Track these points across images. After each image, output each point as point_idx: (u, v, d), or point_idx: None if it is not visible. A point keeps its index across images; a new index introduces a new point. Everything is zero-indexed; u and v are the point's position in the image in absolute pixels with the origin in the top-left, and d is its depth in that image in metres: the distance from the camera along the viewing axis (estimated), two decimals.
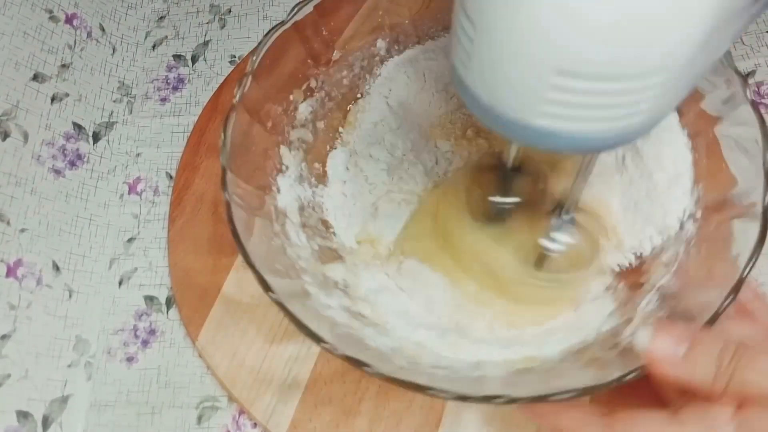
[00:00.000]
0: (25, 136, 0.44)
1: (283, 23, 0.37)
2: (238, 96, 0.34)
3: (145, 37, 0.55)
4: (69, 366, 0.42)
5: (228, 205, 0.32)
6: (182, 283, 0.43)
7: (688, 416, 0.25)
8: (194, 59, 0.53)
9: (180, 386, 0.41)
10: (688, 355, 0.25)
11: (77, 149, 0.47)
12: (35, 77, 0.46)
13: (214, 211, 0.45)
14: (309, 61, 0.41)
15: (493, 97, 0.22)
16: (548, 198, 0.35)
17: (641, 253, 0.37)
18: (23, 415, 0.38)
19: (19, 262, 0.41)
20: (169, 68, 0.53)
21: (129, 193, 0.48)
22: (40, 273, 0.42)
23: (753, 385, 0.24)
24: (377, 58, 0.45)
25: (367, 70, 0.45)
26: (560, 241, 0.34)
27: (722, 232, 0.32)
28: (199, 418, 0.40)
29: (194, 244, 0.44)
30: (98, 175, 0.48)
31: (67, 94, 0.48)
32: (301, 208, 0.39)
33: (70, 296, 0.43)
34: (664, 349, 0.26)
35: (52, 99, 0.46)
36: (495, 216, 0.36)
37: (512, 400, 0.27)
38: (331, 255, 0.39)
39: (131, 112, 0.51)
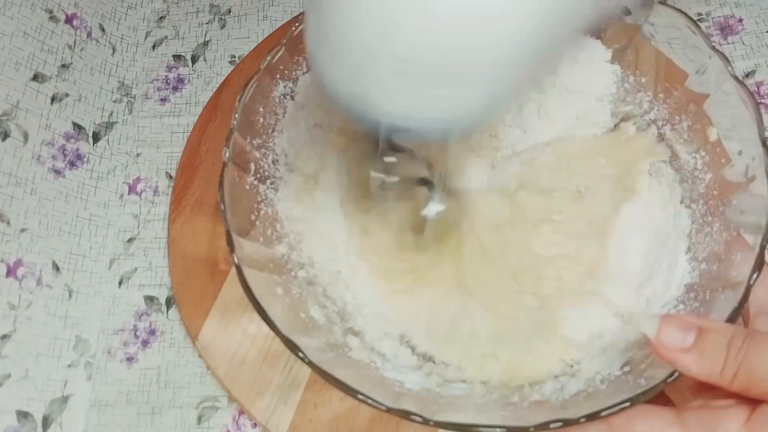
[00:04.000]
0: (25, 136, 0.44)
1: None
2: (227, 155, 0.34)
3: (145, 37, 0.55)
4: (69, 366, 0.42)
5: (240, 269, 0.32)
6: (182, 283, 0.43)
7: (692, 421, 0.25)
8: (194, 59, 0.53)
9: (180, 386, 0.41)
10: (697, 345, 0.25)
11: (77, 149, 0.47)
12: (35, 77, 0.46)
13: (214, 211, 0.45)
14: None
15: (341, 84, 0.24)
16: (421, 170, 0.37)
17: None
18: (23, 415, 0.38)
19: (19, 262, 0.41)
20: (169, 68, 0.53)
21: (129, 193, 0.48)
22: (40, 273, 0.42)
23: (762, 374, 0.23)
24: None
25: None
26: (431, 211, 0.36)
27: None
28: (199, 418, 0.40)
29: (194, 244, 0.44)
30: (98, 175, 0.48)
31: (67, 94, 0.48)
32: None
33: (70, 296, 0.43)
34: (671, 339, 0.25)
35: (52, 99, 0.47)
36: (378, 193, 0.37)
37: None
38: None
39: (131, 112, 0.51)
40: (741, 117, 0.32)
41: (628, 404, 0.26)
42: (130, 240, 0.47)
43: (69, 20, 0.50)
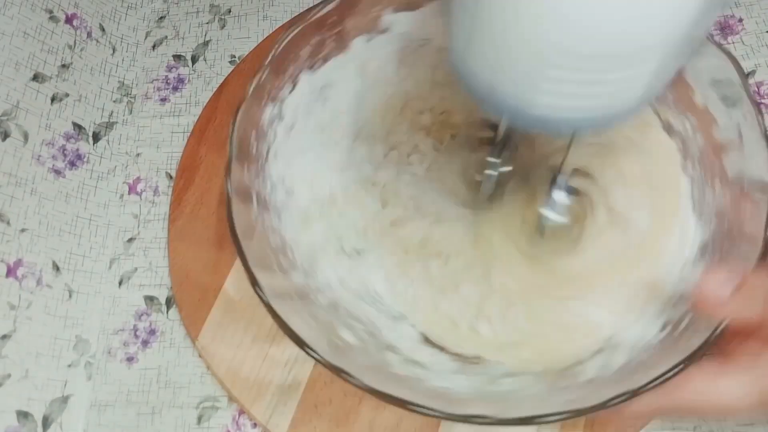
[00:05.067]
0: (25, 136, 0.44)
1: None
2: (252, 87, 0.34)
3: (145, 37, 0.55)
4: (69, 366, 0.42)
5: (229, 200, 0.31)
6: (182, 283, 0.43)
7: (738, 366, 0.25)
8: (194, 59, 0.53)
9: (180, 386, 0.41)
10: (736, 294, 0.25)
11: (77, 149, 0.47)
12: (35, 77, 0.46)
13: (214, 211, 0.45)
14: None
15: (493, 77, 0.23)
16: (542, 165, 0.36)
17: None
18: (23, 415, 0.38)
19: (19, 262, 0.41)
20: (169, 68, 0.53)
21: (129, 193, 0.48)
22: (40, 273, 0.42)
23: None
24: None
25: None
26: (557, 207, 0.34)
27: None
28: (199, 418, 0.40)
29: (194, 244, 0.44)
30: (98, 175, 0.48)
31: (67, 94, 0.48)
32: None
33: (70, 296, 0.43)
34: (711, 289, 0.26)
35: (52, 99, 0.46)
36: (491, 192, 0.36)
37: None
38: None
39: (131, 112, 0.51)
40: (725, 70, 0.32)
41: (681, 366, 0.26)
42: (130, 240, 0.47)
43: (69, 20, 0.50)
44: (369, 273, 0.38)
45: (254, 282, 0.31)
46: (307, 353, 0.29)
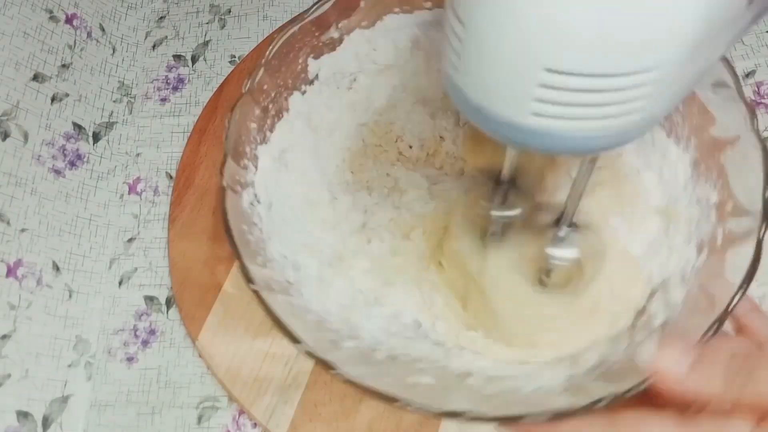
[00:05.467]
0: (25, 136, 0.44)
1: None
2: (247, 86, 0.34)
3: (145, 37, 0.55)
4: (69, 366, 0.42)
5: (223, 191, 0.32)
6: (182, 283, 0.43)
7: (703, 426, 0.24)
8: (194, 59, 0.53)
9: (180, 386, 0.41)
10: (695, 369, 0.24)
11: (77, 149, 0.47)
12: (35, 77, 0.46)
13: (214, 211, 0.45)
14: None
15: (484, 96, 0.22)
16: (546, 211, 0.35)
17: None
18: (23, 415, 0.38)
19: (19, 262, 0.41)
20: (169, 68, 0.53)
21: (129, 193, 0.48)
22: (40, 273, 0.42)
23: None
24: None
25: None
26: (561, 254, 0.33)
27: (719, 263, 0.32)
28: (199, 418, 0.40)
29: (194, 244, 0.44)
30: (98, 175, 0.48)
31: (67, 94, 0.48)
32: None
33: (70, 296, 0.43)
34: (668, 363, 0.25)
35: (52, 99, 0.46)
36: (493, 233, 0.36)
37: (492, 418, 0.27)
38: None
39: (131, 112, 0.51)
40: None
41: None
42: (130, 240, 0.47)
43: (69, 20, 0.50)
44: (402, 309, 0.38)
45: (244, 271, 0.32)
46: (296, 347, 0.29)
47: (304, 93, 0.41)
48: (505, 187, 0.32)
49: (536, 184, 0.36)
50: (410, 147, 0.42)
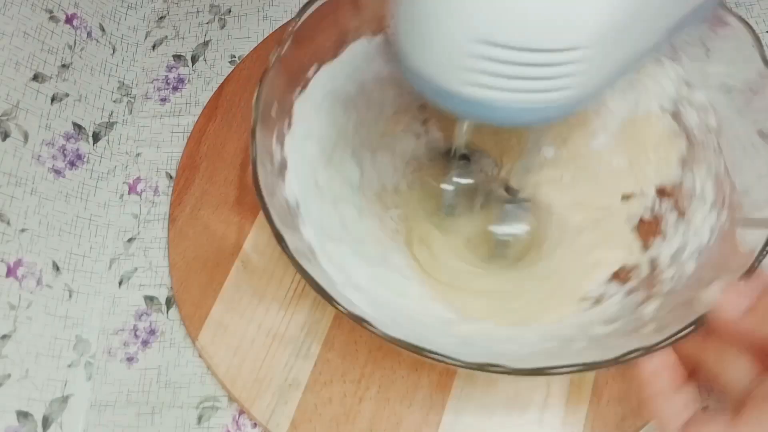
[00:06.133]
0: (25, 136, 0.44)
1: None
2: (274, 57, 0.34)
3: (145, 37, 0.55)
4: (69, 366, 0.42)
5: (254, 163, 0.31)
6: (182, 283, 0.43)
7: (749, 421, 0.24)
8: (194, 59, 0.53)
9: (180, 386, 0.41)
10: (752, 310, 0.25)
11: (77, 149, 0.47)
12: (35, 77, 0.46)
13: (214, 211, 0.45)
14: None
15: (421, 61, 0.23)
16: (497, 185, 0.36)
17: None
18: (23, 415, 0.38)
19: (19, 262, 0.41)
20: (169, 68, 0.53)
21: (129, 193, 0.48)
22: (40, 273, 0.42)
23: None
24: None
25: None
26: (510, 229, 0.35)
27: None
28: (199, 418, 0.40)
29: (194, 244, 0.44)
30: (98, 175, 0.48)
31: (67, 94, 0.48)
32: None
33: (70, 296, 0.43)
34: (730, 304, 0.26)
35: (52, 99, 0.46)
36: (448, 208, 0.36)
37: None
38: None
39: (131, 112, 0.51)
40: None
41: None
42: (130, 240, 0.47)
43: (69, 20, 0.50)
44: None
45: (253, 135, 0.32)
46: (333, 305, 0.29)
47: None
48: (458, 161, 0.34)
49: (491, 159, 0.37)
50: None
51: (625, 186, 0.39)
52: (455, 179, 0.35)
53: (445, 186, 0.35)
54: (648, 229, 0.39)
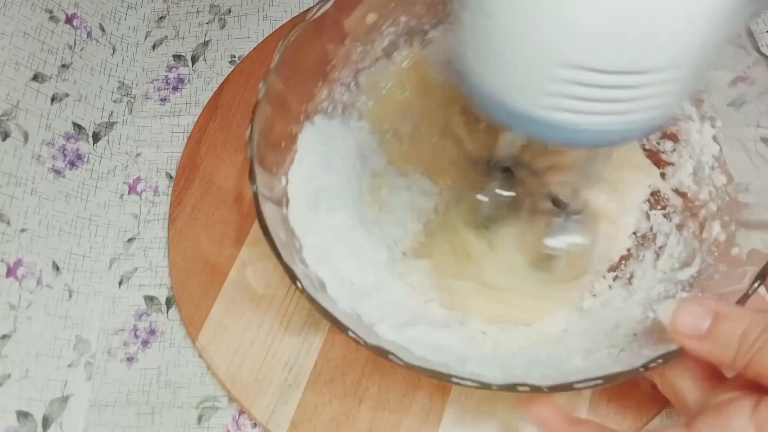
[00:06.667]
0: (25, 136, 0.44)
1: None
2: (262, 91, 0.34)
3: (145, 37, 0.55)
4: (69, 366, 0.42)
5: (256, 199, 0.32)
6: (182, 283, 0.43)
7: (703, 428, 0.25)
8: (194, 59, 0.53)
9: (180, 386, 0.41)
10: (712, 330, 0.25)
11: (77, 149, 0.47)
12: (35, 77, 0.46)
13: (214, 211, 0.45)
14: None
15: (497, 86, 0.22)
16: (546, 197, 0.35)
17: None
18: (23, 415, 0.38)
19: (19, 262, 0.41)
20: (169, 68, 0.53)
21: (129, 193, 0.48)
22: (40, 273, 0.42)
23: None
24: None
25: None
26: (561, 242, 0.34)
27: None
28: (199, 418, 0.40)
29: (194, 244, 0.44)
30: (98, 175, 0.48)
31: (67, 94, 0.48)
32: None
33: (70, 296, 0.43)
34: (687, 323, 0.26)
35: (52, 99, 0.46)
36: (492, 218, 0.36)
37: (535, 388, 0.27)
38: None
39: (131, 112, 0.51)
40: None
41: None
42: (130, 240, 0.47)
43: (69, 20, 0.50)
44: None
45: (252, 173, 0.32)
46: (351, 338, 0.29)
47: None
48: (501, 171, 0.33)
49: (536, 171, 0.36)
50: None
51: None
52: (497, 191, 0.34)
53: (482, 197, 0.34)
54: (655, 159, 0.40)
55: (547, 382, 0.27)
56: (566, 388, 0.27)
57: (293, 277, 0.30)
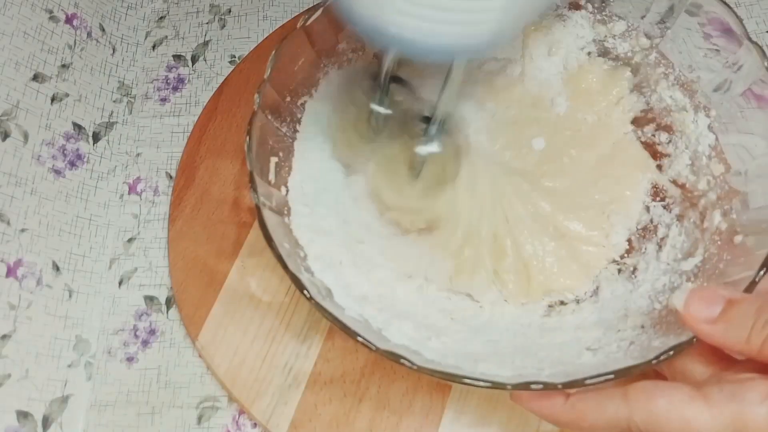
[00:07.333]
0: (25, 136, 0.44)
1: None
2: (257, 102, 0.35)
3: (145, 37, 0.55)
4: (69, 366, 0.42)
5: (258, 210, 0.32)
6: (182, 283, 0.43)
7: (715, 393, 0.25)
8: (194, 59, 0.53)
9: (180, 386, 0.41)
10: (723, 316, 0.25)
11: (77, 149, 0.47)
12: (35, 77, 0.46)
13: (214, 211, 0.45)
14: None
15: (366, 9, 0.27)
16: (422, 108, 0.38)
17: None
18: (23, 415, 0.38)
19: (19, 262, 0.41)
20: (169, 68, 0.53)
21: (129, 193, 0.48)
22: (40, 273, 0.42)
23: None
24: None
25: None
26: (425, 150, 0.37)
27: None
28: (199, 418, 0.40)
29: (194, 244, 0.44)
30: (98, 175, 0.48)
31: (67, 94, 0.48)
32: None
33: (70, 296, 0.43)
34: (699, 309, 0.26)
35: (52, 99, 0.46)
36: (375, 129, 0.38)
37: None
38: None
39: (131, 112, 0.51)
40: None
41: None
42: (130, 240, 0.47)
43: (69, 20, 0.50)
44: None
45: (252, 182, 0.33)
46: (361, 343, 0.30)
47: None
48: (386, 83, 0.36)
49: (418, 83, 0.39)
50: None
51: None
52: (375, 107, 0.38)
53: (373, 107, 0.38)
54: (652, 151, 0.40)
55: (560, 378, 0.27)
56: (579, 384, 0.27)
57: (300, 287, 0.31)
